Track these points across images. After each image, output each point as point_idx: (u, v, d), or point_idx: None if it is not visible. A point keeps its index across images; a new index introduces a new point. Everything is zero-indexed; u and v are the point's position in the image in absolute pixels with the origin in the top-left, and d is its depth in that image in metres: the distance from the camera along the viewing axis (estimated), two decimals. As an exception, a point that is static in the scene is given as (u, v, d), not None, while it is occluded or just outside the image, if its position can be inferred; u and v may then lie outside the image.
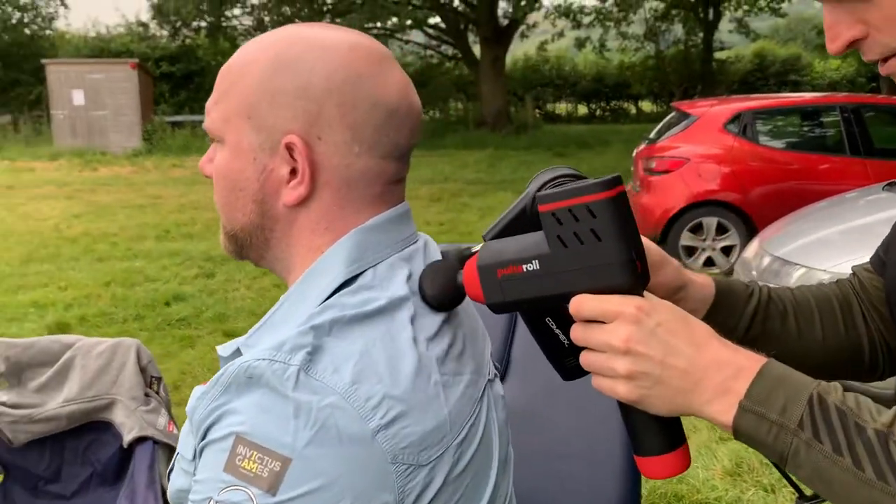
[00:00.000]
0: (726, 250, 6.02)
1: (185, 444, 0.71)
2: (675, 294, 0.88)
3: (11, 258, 6.96)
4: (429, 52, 23.56)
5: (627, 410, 0.70)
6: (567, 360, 0.73)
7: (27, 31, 23.13)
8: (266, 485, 0.62)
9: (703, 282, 0.91)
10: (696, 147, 6.14)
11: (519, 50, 26.19)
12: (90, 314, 5.22)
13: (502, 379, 1.60)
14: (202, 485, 0.65)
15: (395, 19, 19.20)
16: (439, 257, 0.89)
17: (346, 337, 0.69)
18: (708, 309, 0.91)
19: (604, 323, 0.67)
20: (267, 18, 20.78)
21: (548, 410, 1.59)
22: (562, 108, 27.54)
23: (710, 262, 6.07)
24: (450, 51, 22.47)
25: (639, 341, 0.66)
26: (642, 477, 1.27)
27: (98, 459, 2.23)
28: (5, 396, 2.14)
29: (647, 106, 26.38)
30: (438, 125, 20.03)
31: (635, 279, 0.68)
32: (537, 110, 24.62)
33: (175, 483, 0.74)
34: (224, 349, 0.77)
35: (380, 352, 0.69)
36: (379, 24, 19.51)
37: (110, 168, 14.08)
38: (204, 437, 0.67)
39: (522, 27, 20.37)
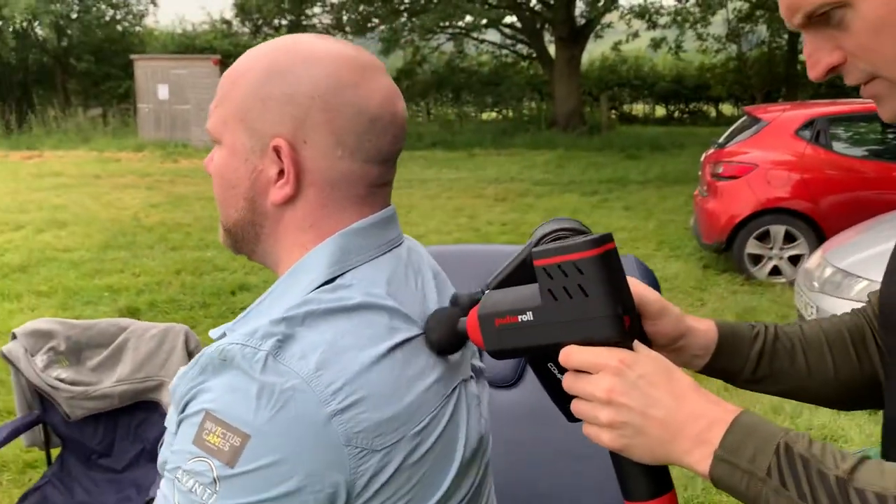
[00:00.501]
0: (794, 259, 5.85)
1: (170, 419, 0.78)
2: (676, 342, 0.90)
3: (92, 244, 7.33)
4: (503, 51, 23.53)
5: (615, 456, 0.73)
6: (569, 404, 0.77)
7: (119, 27, 24.15)
8: (226, 458, 0.67)
9: (705, 328, 0.93)
10: (765, 153, 5.99)
11: (596, 50, 25.89)
12: (160, 300, 5.47)
13: (519, 380, 1.63)
14: (175, 455, 0.71)
15: (469, 18, 19.24)
16: (424, 259, 0.93)
17: (318, 328, 0.74)
18: (712, 355, 0.93)
19: (591, 373, 0.71)
20: (345, 17, 21.13)
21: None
22: (639, 109, 27.06)
23: (776, 272, 5.92)
24: (524, 50, 22.39)
25: (621, 393, 0.69)
26: (683, 486, 1.30)
27: (147, 437, 2.36)
28: (65, 373, 2.28)
29: (727, 109, 25.68)
30: (509, 125, 19.98)
31: (621, 333, 0.71)
32: (613, 111, 24.26)
33: (162, 455, 0.81)
34: (215, 332, 0.83)
35: (347, 343, 0.74)
36: (452, 23, 19.60)
37: (190, 160, 14.61)
38: (182, 412, 0.73)
39: (598, 27, 20.11)
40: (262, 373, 0.70)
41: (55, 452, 2.41)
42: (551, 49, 20.06)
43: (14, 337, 2.31)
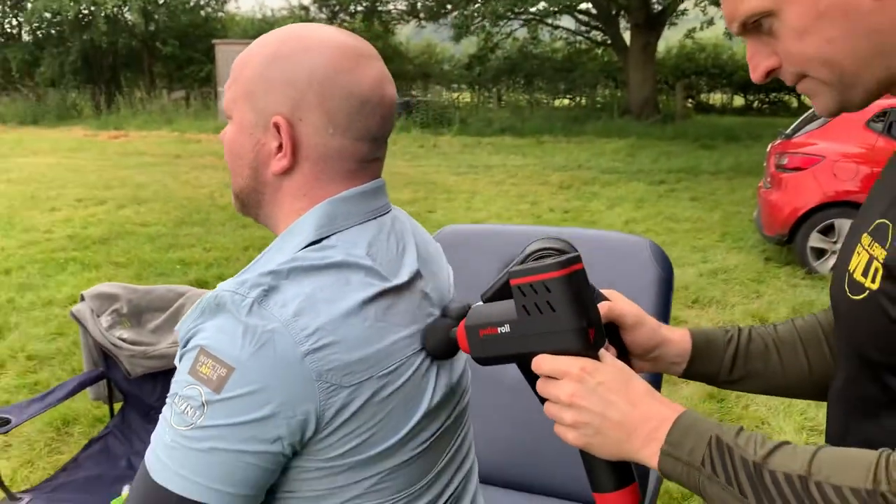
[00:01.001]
0: (859, 254, 5.69)
1: (178, 356, 0.91)
2: (653, 352, 1.01)
3: (168, 220, 7.70)
4: (578, 37, 23.27)
5: (583, 454, 0.83)
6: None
7: (202, 12, 24.97)
8: (213, 386, 0.79)
9: (679, 338, 1.02)
10: (833, 145, 5.83)
11: (673, 37, 25.31)
12: (227, 274, 5.73)
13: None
14: (175, 384, 0.84)
15: (543, 4, 19.12)
16: (408, 228, 1.03)
17: (301, 282, 0.85)
18: (688, 361, 1.03)
19: (557, 379, 0.81)
20: (419, 3, 21.27)
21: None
22: (716, 98, 26.39)
23: (840, 266, 5.77)
24: (599, 36, 22.10)
25: (581, 397, 0.79)
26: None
27: (199, 396, 2.54)
28: (126, 334, 2.48)
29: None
30: (580, 112, 19.80)
31: (585, 344, 0.80)
32: (689, 100, 23.75)
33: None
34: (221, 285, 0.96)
35: (324, 294, 0.85)
36: (526, 9, 19.49)
37: (265, 143, 15.03)
38: (184, 348, 0.86)
39: (673, 14, 19.67)
40: (248, 316, 0.81)
41: (117, 407, 2.62)
42: (626, 36, 19.75)
43: (82, 299, 2.52)
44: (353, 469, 0.86)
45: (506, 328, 0.85)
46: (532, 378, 0.86)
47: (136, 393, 2.55)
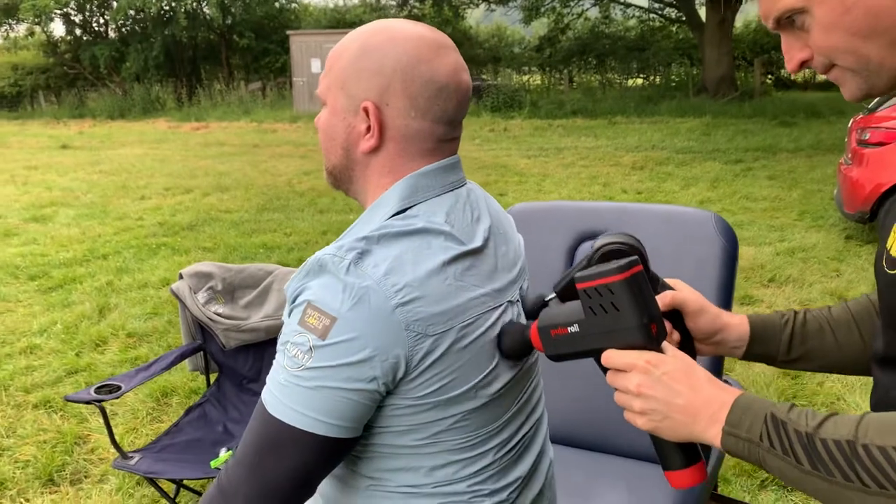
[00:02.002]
0: (946, 231, 5.50)
1: (285, 311, 1.04)
2: (714, 336, 1.11)
3: (250, 207, 8.03)
4: (651, 15, 22.82)
5: (653, 437, 0.92)
6: None
7: (276, 4, 25.55)
8: (319, 333, 0.93)
9: (738, 322, 1.12)
10: (919, 118, 5.64)
11: (752, 11, 24.50)
12: (306, 257, 5.95)
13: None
14: (285, 333, 0.98)
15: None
16: (481, 201, 1.14)
17: (389, 245, 0.98)
18: (748, 344, 1.12)
19: (625, 371, 0.90)
20: (489, -13, 21.23)
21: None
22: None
23: (925, 243, 5.59)
24: (673, 13, 21.62)
25: (648, 387, 0.88)
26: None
27: (288, 367, 2.72)
28: (221, 309, 2.68)
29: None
30: (654, 92, 19.45)
31: (648, 338, 0.90)
32: (769, 76, 23.01)
33: (280, 338, 1.08)
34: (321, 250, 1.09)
35: (410, 256, 0.97)
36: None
37: (339, 130, 15.36)
38: (292, 303, 0.99)
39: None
40: (346, 275, 0.94)
41: (213, 377, 2.83)
42: (702, 12, 19.27)
43: (181, 277, 2.73)
44: (437, 408, 0.99)
45: (575, 328, 0.95)
46: (604, 370, 0.96)
47: (231, 364, 2.76)
